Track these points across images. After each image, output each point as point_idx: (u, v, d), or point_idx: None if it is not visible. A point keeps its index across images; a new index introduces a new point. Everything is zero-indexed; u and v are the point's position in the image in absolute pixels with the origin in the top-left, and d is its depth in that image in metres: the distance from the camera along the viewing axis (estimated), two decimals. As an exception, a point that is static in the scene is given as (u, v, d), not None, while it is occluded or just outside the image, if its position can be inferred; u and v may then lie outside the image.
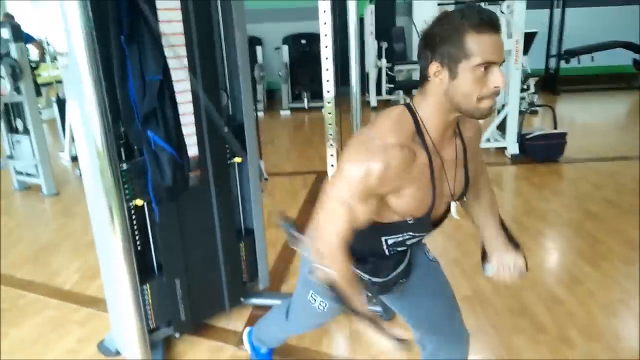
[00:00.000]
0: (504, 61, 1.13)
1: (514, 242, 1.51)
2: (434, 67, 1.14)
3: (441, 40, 1.11)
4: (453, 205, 1.32)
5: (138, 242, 2.09)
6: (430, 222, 1.31)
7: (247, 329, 2.13)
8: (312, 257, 1.28)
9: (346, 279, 1.25)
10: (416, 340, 1.65)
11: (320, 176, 4.56)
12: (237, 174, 2.46)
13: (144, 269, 2.13)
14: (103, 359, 2.24)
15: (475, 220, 1.55)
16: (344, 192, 1.18)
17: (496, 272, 1.49)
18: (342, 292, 1.25)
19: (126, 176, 1.94)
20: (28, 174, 4.65)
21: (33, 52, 6.63)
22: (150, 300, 2.15)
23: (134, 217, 2.04)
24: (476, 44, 1.08)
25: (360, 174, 1.14)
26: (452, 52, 1.10)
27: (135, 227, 2.06)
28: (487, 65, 1.10)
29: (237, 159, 2.37)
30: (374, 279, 1.42)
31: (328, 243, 1.23)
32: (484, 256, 1.53)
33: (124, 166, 1.93)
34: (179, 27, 2.05)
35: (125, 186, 1.92)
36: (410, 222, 1.26)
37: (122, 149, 1.94)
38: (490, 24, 1.09)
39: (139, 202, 2.01)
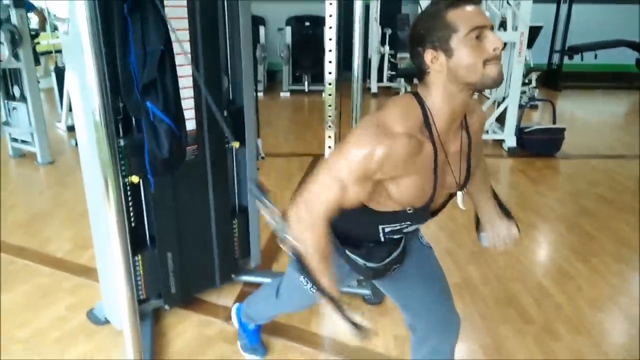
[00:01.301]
0: (493, 26, 1.14)
1: (506, 212, 1.54)
2: (429, 55, 1.14)
3: (426, 30, 1.13)
4: (459, 195, 1.32)
5: (132, 218, 2.08)
6: (429, 212, 1.31)
7: (236, 305, 2.13)
8: (283, 225, 1.28)
9: (320, 253, 1.25)
10: (406, 323, 1.66)
11: (317, 159, 4.55)
12: (234, 152, 2.45)
13: (136, 240, 2.13)
14: (92, 327, 2.25)
15: (468, 192, 1.55)
16: (342, 170, 1.17)
17: (490, 241, 1.51)
18: (311, 265, 1.26)
19: (123, 152, 1.93)
20: (23, 142, 4.63)
21: (34, 21, 6.55)
22: (141, 272, 2.16)
23: (129, 193, 2.04)
24: (458, 16, 1.10)
25: (362, 155, 1.14)
26: (440, 34, 1.11)
27: (131, 204, 2.06)
28: (479, 32, 1.10)
29: (235, 144, 2.36)
30: (369, 264, 1.42)
31: (312, 212, 1.22)
32: (479, 226, 1.55)
33: (121, 142, 1.92)
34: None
35: (122, 162, 1.91)
36: (409, 211, 1.25)
37: (120, 125, 1.92)
38: None
39: (134, 178, 2.00)
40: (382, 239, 1.39)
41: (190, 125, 2.11)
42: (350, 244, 1.42)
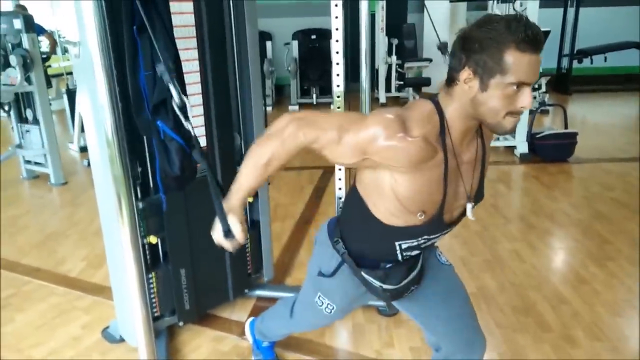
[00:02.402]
0: (537, 80, 1.11)
1: None
2: (465, 74, 1.11)
3: (480, 47, 1.07)
4: (469, 205, 1.30)
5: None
6: (443, 222, 1.29)
7: (250, 319, 2.13)
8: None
9: (261, 165, 1.23)
10: (429, 342, 1.65)
11: (327, 172, 4.56)
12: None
13: (150, 257, 2.14)
14: (107, 346, 2.26)
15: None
16: (349, 127, 1.17)
17: None
18: (245, 165, 1.26)
19: (142, 214, 2.00)
20: (37, 163, 4.68)
21: (44, 44, 6.67)
22: (155, 289, 2.17)
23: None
24: (515, 62, 1.05)
25: (372, 132, 1.14)
26: (488, 64, 1.07)
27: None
28: (520, 85, 1.08)
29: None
30: (385, 286, 1.41)
31: (296, 130, 1.19)
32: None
33: (140, 205, 2.00)
34: (191, 18, 2.06)
35: (140, 224, 1.97)
36: (420, 217, 1.23)
37: (138, 187, 2.01)
38: (534, 43, 1.05)
39: (153, 239, 2.10)
40: (400, 258, 1.37)
41: (201, 142, 2.12)
42: (367, 265, 1.41)
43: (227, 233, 1.28)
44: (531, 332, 2.29)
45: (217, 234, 1.31)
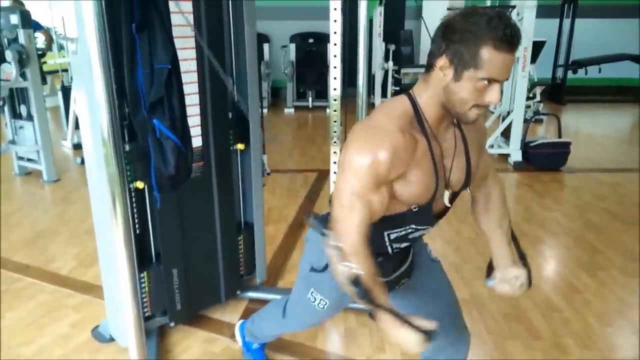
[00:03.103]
0: (507, 79, 1.14)
1: (521, 256, 1.47)
2: (442, 61, 1.14)
3: (460, 38, 1.10)
4: (446, 193, 1.31)
5: (137, 227, 2.08)
6: (431, 213, 1.30)
7: (240, 322, 2.12)
8: (337, 254, 1.24)
9: (370, 274, 1.22)
10: None
11: (322, 175, 4.56)
12: (240, 168, 2.46)
13: (142, 257, 2.13)
14: (97, 345, 2.24)
15: (484, 232, 1.51)
16: (355, 186, 1.17)
17: (497, 286, 1.43)
18: (367, 286, 1.21)
19: (128, 157, 1.94)
20: (29, 160, 4.65)
21: (40, 40, 6.63)
22: (147, 288, 2.16)
23: (134, 200, 2.05)
24: (490, 59, 1.08)
25: (368, 164, 1.14)
26: (464, 56, 1.09)
27: (135, 212, 2.07)
28: (491, 80, 1.11)
29: (240, 146, 2.37)
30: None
31: (350, 240, 1.20)
32: (490, 269, 1.48)
33: (127, 147, 1.93)
34: (190, 18, 2.05)
35: (127, 167, 1.92)
36: (414, 209, 1.25)
37: (125, 130, 1.93)
38: (511, 43, 1.07)
39: (139, 184, 2.01)
40: (390, 250, 1.39)
41: (197, 142, 2.12)
42: None
43: (428, 333, 1.16)
44: (522, 339, 2.29)
45: (415, 343, 1.17)
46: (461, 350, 1.55)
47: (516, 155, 4.99)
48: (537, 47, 6.31)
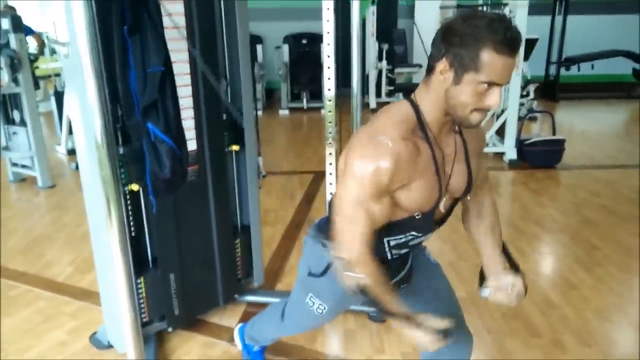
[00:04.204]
0: (508, 83, 1.13)
1: (514, 266, 1.47)
2: (442, 65, 1.12)
3: (460, 41, 1.08)
4: (443, 198, 1.30)
5: (132, 230, 2.07)
6: (433, 220, 1.30)
7: (239, 325, 2.11)
8: (340, 264, 1.24)
9: (377, 281, 1.22)
10: None
11: (318, 176, 4.55)
12: (235, 170, 2.45)
13: (138, 262, 2.12)
14: (94, 352, 2.22)
15: (476, 240, 1.51)
16: (357, 194, 1.16)
17: (492, 295, 1.42)
18: (376, 294, 1.22)
19: (122, 160, 1.92)
20: (24, 166, 4.63)
21: (32, 45, 6.59)
22: (144, 294, 2.14)
23: (129, 203, 2.03)
24: (490, 62, 1.06)
25: (370, 172, 1.13)
26: (464, 59, 1.08)
27: (131, 215, 2.06)
28: (491, 84, 1.10)
29: (235, 147, 2.36)
30: None
31: (354, 249, 1.20)
32: (482, 278, 1.47)
33: (121, 150, 1.91)
34: (181, 20, 2.04)
35: (122, 170, 1.91)
36: (417, 217, 1.24)
37: (119, 133, 1.91)
38: (512, 46, 1.06)
39: (134, 186, 1.99)
40: (389, 256, 1.37)
41: (191, 145, 2.11)
42: None
43: (445, 332, 1.18)
44: (520, 337, 2.29)
45: (432, 342, 1.20)
46: (463, 352, 1.53)
47: (511, 153, 5.00)
48: (530, 44, 6.34)
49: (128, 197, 2.02)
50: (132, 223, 2.07)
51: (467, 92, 1.11)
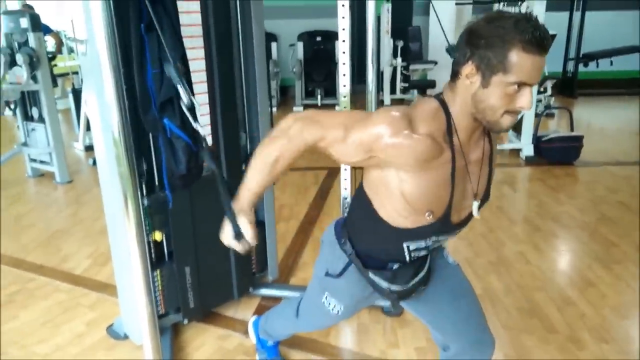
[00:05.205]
0: (538, 83, 1.11)
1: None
2: (468, 69, 1.11)
3: (485, 43, 1.07)
4: (475, 204, 1.29)
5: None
6: (450, 223, 1.27)
7: (253, 319, 2.12)
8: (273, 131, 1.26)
9: (269, 165, 1.23)
10: (437, 342, 1.63)
11: (332, 172, 4.55)
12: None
13: (155, 255, 2.14)
14: (111, 343, 2.26)
15: None
16: (354, 125, 1.16)
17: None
18: (252, 166, 1.26)
19: (146, 211, 1.99)
20: (42, 162, 4.69)
21: (50, 43, 6.69)
22: (160, 286, 2.17)
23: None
24: (519, 62, 1.05)
25: (377, 130, 1.13)
26: (492, 61, 1.06)
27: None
28: (521, 84, 1.07)
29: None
30: (393, 287, 1.40)
31: (302, 129, 1.20)
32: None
33: (145, 202, 1.99)
34: (197, 18, 2.06)
35: (146, 220, 1.95)
36: (428, 217, 1.22)
37: (143, 184, 1.99)
38: (540, 45, 1.05)
39: (158, 235, 2.11)
40: (408, 259, 1.36)
41: (207, 140, 2.12)
42: (375, 266, 1.40)
43: (238, 235, 1.27)
44: (537, 333, 2.27)
45: (227, 235, 1.31)
46: (484, 352, 1.51)
47: (528, 150, 4.95)
48: (548, 40, 6.25)
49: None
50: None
51: (496, 94, 1.09)
